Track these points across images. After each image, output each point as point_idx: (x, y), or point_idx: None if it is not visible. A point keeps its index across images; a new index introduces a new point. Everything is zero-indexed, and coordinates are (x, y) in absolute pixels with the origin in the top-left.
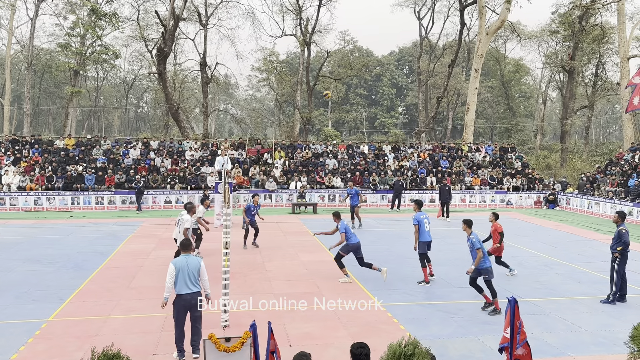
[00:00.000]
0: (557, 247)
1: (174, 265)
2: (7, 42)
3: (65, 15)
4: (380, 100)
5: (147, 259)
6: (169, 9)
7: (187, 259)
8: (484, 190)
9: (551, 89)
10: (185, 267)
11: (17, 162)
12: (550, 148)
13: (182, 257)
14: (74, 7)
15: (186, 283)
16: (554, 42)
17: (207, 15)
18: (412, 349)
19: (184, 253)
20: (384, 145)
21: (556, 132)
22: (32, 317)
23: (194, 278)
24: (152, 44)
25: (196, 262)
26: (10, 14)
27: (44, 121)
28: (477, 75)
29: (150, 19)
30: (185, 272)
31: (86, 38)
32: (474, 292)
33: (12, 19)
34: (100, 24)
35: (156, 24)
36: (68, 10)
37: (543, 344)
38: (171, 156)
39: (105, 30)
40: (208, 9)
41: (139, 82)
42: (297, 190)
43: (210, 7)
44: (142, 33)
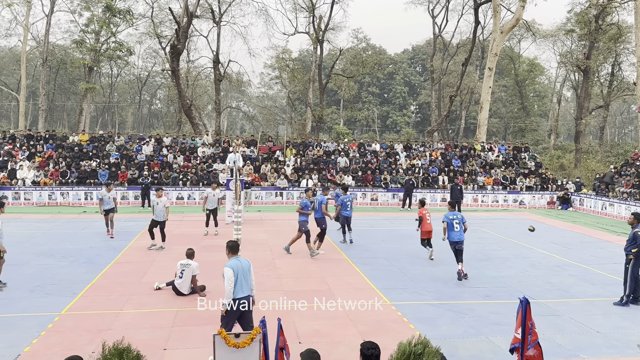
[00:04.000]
0: (570, 248)
1: (231, 269)
2: (23, 39)
3: (80, 11)
4: (392, 98)
5: (159, 254)
6: (182, 6)
7: (240, 262)
8: (496, 190)
9: (566, 88)
10: (241, 270)
11: (32, 157)
12: (565, 148)
13: (235, 259)
14: (89, 3)
15: (242, 287)
16: (569, 41)
17: (220, 13)
18: (422, 348)
19: (233, 256)
20: (396, 143)
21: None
22: (45, 310)
23: (247, 281)
24: (165, 41)
25: (248, 265)
26: (26, 10)
27: (58, 117)
28: (491, 74)
29: (164, 16)
30: (241, 276)
31: (101, 35)
32: (485, 292)
33: (28, 15)
34: (115, 20)
35: (170, 21)
36: (83, 7)
37: (555, 345)
38: (183, 153)
39: (119, 27)
40: (221, 6)
41: (153, 79)
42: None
43: (223, 4)
44: (156, 30)
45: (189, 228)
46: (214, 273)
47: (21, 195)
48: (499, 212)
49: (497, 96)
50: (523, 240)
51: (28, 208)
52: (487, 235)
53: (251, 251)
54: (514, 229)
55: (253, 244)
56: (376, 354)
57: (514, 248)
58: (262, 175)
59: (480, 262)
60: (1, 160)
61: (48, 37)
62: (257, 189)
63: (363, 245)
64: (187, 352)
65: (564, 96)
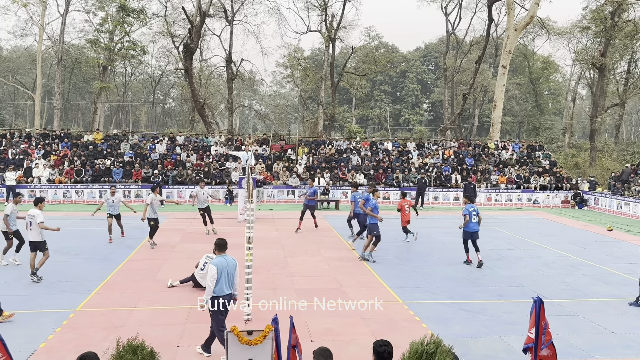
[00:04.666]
0: (584, 247)
1: (216, 267)
2: (39, 38)
3: (95, 11)
4: (405, 96)
5: (172, 252)
6: (195, 6)
7: (226, 260)
8: (510, 188)
9: (581, 86)
10: (226, 268)
11: (47, 156)
12: (579, 147)
13: (222, 257)
14: (103, 3)
15: (226, 284)
16: (584, 38)
17: (233, 12)
18: (435, 347)
19: (220, 254)
20: (408, 142)
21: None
22: (60, 307)
23: (231, 279)
24: (179, 40)
25: (234, 263)
26: (41, 10)
27: (73, 116)
28: (505, 72)
29: (177, 15)
30: (225, 273)
31: (115, 34)
32: (498, 291)
33: (43, 15)
34: (129, 20)
35: (183, 20)
36: (97, 6)
37: (569, 345)
38: (196, 151)
39: (133, 27)
40: (234, 5)
41: (166, 78)
42: (322, 187)
43: (236, 3)
44: (169, 29)
45: (202, 226)
46: None
47: (37, 193)
48: (513, 211)
49: (511, 94)
50: (537, 239)
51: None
52: (500, 235)
53: (263, 249)
54: (528, 228)
55: (265, 242)
56: (389, 351)
57: (528, 247)
58: (274, 174)
59: (494, 261)
60: (17, 159)
61: (63, 37)
62: (269, 187)
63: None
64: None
65: (579, 94)
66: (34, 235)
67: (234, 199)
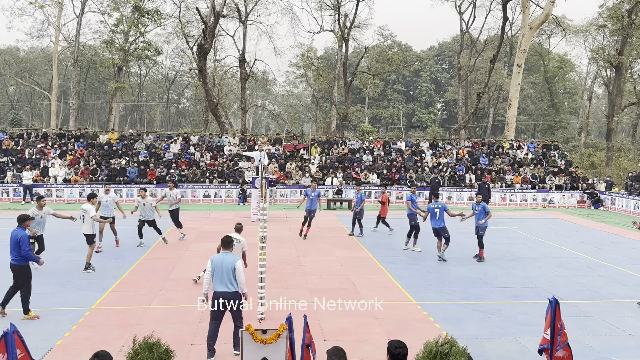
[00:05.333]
0: (600, 248)
1: (210, 262)
2: (55, 39)
3: (110, 12)
4: (418, 96)
5: (187, 250)
6: (209, 6)
7: (223, 257)
8: (525, 188)
9: (597, 85)
10: (220, 265)
11: (63, 155)
12: (595, 146)
13: (221, 254)
14: (118, 4)
15: (221, 281)
16: (600, 36)
17: (246, 12)
18: (449, 348)
19: (223, 250)
20: (422, 141)
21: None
22: (76, 305)
23: (227, 277)
24: (192, 40)
25: (230, 262)
26: (57, 11)
27: (88, 116)
28: (520, 71)
29: (191, 16)
30: (219, 270)
31: (129, 35)
32: (513, 292)
33: (59, 16)
34: (143, 20)
35: (197, 20)
36: (112, 7)
37: (585, 347)
38: (210, 151)
39: (147, 27)
40: (248, 5)
41: (180, 78)
42: (335, 186)
43: (249, 4)
44: (183, 30)
45: (216, 225)
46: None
47: (53, 192)
48: (528, 211)
49: (526, 93)
50: (552, 240)
51: (59, 205)
52: (515, 235)
53: (276, 248)
54: (543, 229)
55: (278, 242)
56: (404, 352)
57: (543, 248)
58: (287, 174)
59: (509, 262)
60: (34, 158)
61: (79, 38)
62: (282, 187)
63: (388, 244)
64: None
65: (595, 93)
66: (87, 229)
67: (247, 198)
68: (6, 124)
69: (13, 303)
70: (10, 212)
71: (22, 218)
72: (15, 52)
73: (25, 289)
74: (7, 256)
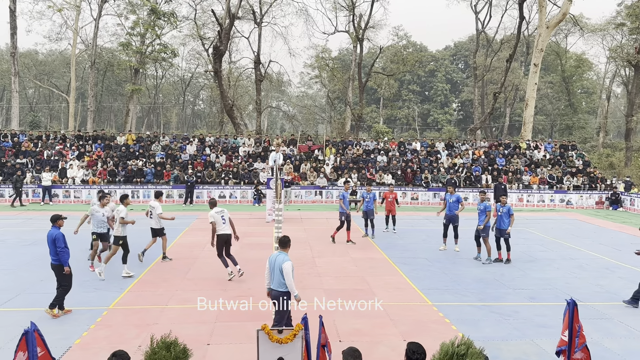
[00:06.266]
0: (619, 249)
1: (268, 260)
2: (73, 42)
3: (127, 15)
4: (433, 96)
5: (203, 251)
6: (224, 8)
7: (276, 257)
8: (542, 189)
9: (616, 84)
10: (273, 264)
11: (81, 157)
12: (614, 146)
13: (276, 253)
14: (135, 7)
15: (273, 280)
16: (619, 35)
17: (261, 14)
18: (466, 349)
19: (280, 250)
20: (437, 142)
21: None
22: (94, 304)
23: (277, 276)
24: (208, 42)
25: (279, 262)
26: (75, 15)
27: (106, 117)
28: (537, 70)
29: (206, 18)
30: (272, 268)
31: (146, 37)
32: (530, 294)
33: (77, 19)
34: (160, 23)
35: (212, 22)
36: (129, 10)
37: (603, 349)
38: (225, 152)
39: (164, 30)
40: (263, 7)
41: (196, 80)
42: (350, 187)
43: (264, 5)
44: (199, 32)
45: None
46: (256, 270)
47: (71, 193)
48: (545, 212)
49: (543, 93)
50: (570, 241)
51: (77, 206)
52: (532, 236)
53: (291, 249)
54: (561, 230)
55: (293, 242)
56: (421, 358)
57: (561, 249)
58: (301, 174)
59: (526, 263)
60: (53, 160)
61: (96, 40)
62: (296, 187)
63: (403, 245)
64: (230, 348)
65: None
66: (154, 224)
67: (262, 199)
68: (25, 126)
69: (35, 301)
70: (30, 213)
71: (54, 218)
72: (34, 55)
73: (64, 287)
74: (22, 254)
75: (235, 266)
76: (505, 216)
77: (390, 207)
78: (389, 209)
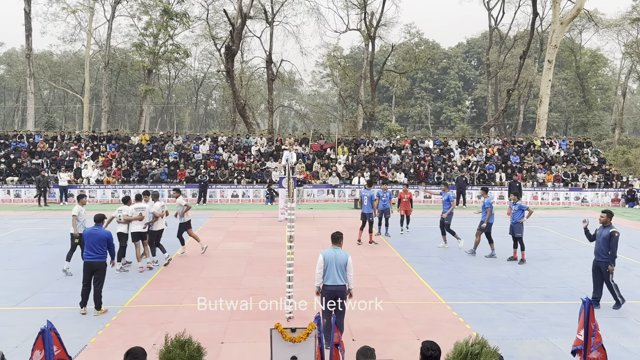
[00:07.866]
0: (636, 247)
1: (323, 257)
2: (87, 43)
3: (140, 16)
4: (446, 93)
5: (216, 250)
6: (236, 8)
7: (335, 252)
8: (557, 187)
9: (631, 80)
10: (334, 259)
11: (96, 157)
12: (630, 143)
13: (332, 249)
14: (148, 8)
15: (332, 275)
16: (635, 30)
17: (273, 13)
18: (480, 348)
19: (333, 246)
20: (450, 140)
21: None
22: (109, 303)
23: (340, 271)
24: (220, 42)
25: (344, 256)
26: (89, 16)
27: (119, 118)
28: (551, 67)
29: (218, 18)
30: (333, 264)
31: (159, 38)
32: (545, 292)
33: (90, 21)
34: (172, 23)
35: (224, 22)
36: (142, 11)
37: (620, 349)
38: (238, 151)
39: (176, 30)
40: (274, 6)
41: (208, 80)
42: (362, 186)
43: (276, 5)
44: (211, 32)
45: (243, 225)
46: (270, 269)
47: (86, 193)
48: (560, 210)
49: (557, 89)
50: (585, 239)
51: (92, 205)
52: (547, 234)
53: (304, 248)
54: (576, 228)
55: (305, 241)
56: (435, 355)
57: (576, 247)
58: (313, 173)
59: (541, 262)
60: (68, 160)
61: (109, 41)
62: (309, 186)
63: (416, 244)
64: (244, 346)
65: (630, 88)
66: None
67: (274, 198)
68: (41, 127)
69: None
70: (46, 213)
71: (99, 217)
72: (49, 56)
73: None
74: (38, 253)
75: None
76: (516, 214)
77: (406, 208)
78: (404, 209)
